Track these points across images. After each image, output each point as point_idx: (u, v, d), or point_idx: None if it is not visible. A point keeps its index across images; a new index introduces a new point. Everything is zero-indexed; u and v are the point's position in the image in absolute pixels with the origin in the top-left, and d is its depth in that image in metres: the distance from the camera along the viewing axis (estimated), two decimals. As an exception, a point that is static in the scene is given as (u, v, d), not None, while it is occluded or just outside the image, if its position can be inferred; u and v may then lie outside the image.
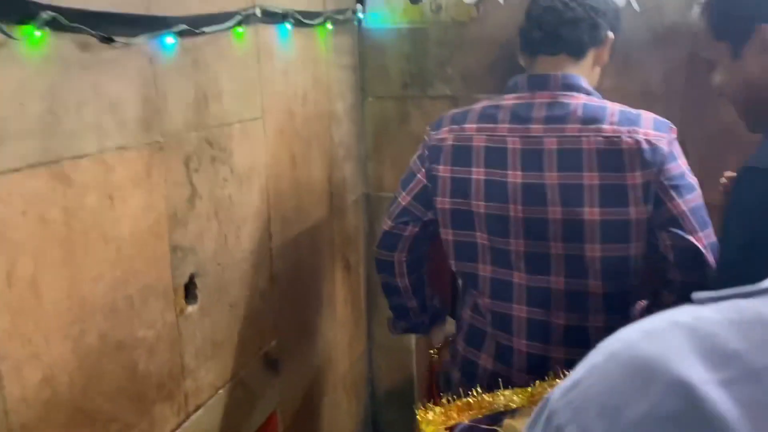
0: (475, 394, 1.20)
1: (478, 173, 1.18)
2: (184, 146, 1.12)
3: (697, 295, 0.35)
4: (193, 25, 1.10)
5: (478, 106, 1.24)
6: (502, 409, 1.17)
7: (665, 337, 0.32)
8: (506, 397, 1.19)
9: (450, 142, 1.22)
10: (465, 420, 1.19)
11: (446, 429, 1.18)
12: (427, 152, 1.26)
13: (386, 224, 1.34)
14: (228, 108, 1.24)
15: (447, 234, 1.26)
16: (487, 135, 1.18)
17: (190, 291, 1.17)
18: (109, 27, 0.92)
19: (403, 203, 1.29)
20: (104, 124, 0.95)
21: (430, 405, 1.20)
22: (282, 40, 1.45)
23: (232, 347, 1.31)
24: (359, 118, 1.92)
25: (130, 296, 1.02)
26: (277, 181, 1.46)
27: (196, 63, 1.14)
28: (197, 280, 1.18)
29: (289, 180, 1.51)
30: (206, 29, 1.14)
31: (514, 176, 1.16)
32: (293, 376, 1.59)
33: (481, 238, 1.22)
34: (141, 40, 1.00)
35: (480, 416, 1.18)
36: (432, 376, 2.23)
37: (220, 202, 1.24)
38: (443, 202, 1.24)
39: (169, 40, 1.06)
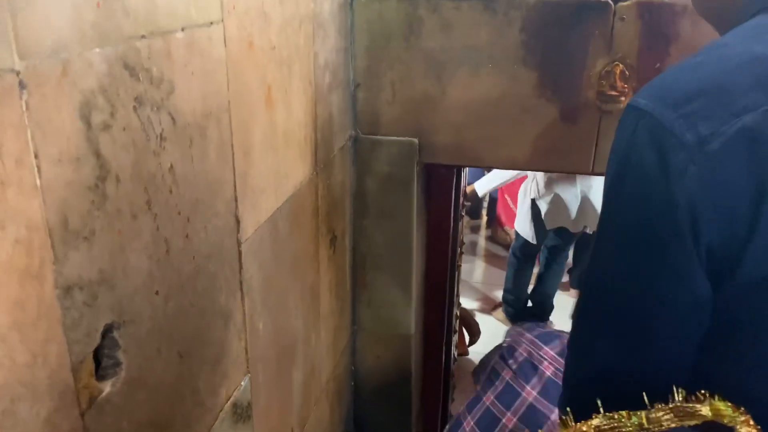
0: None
1: (528, 394, 1.20)
2: (76, 79, 0.54)
3: None
4: None
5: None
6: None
7: None
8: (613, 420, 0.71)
9: (525, 355, 1.20)
10: None
11: None
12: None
13: None
14: (163, 1, 0.65)
15: None
16: (555, 368, 1.19)
17: (106, 356, 0.62)
18: None
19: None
20: None
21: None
22: None
23: (184, 416, 0.78)
24: (347, 26, 1.33)
25: (-32, 419, 0.46)
26: (246, 131, 0.89)
27: None
28: (118, 334, 0.63)
29: (263, 128, 0.94)
30: None
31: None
32: (270, 413, 1.08)
33: None
34: None
35: None
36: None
37: (155, 181, 0.67)
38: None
39: None
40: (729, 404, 0.56)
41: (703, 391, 0.55)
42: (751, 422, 0.55)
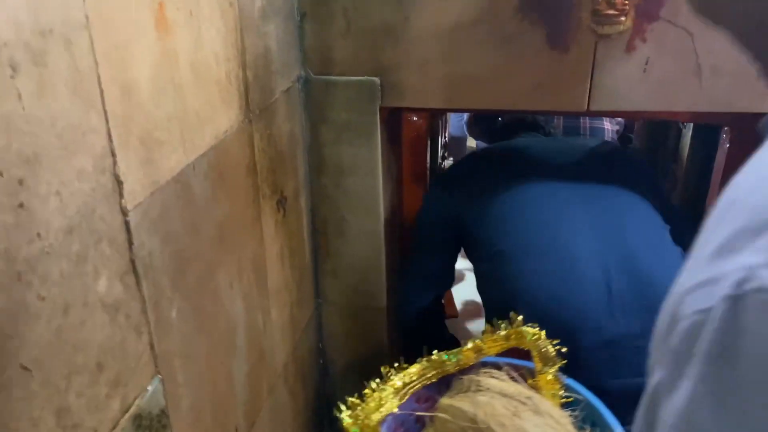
0: (394, 368, 1.03)
1: None
2: None
3: None
4: None
5: None
6: (435, 380, 1.04)
7: None
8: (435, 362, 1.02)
9: None
10: (395, 408, 1.01)
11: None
12: None
13: None
14: None
15: None
16: None
17: None
18: None
19: None
20: None
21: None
22: None
23: (48, 447, 0.58)
24: (286, -58, 1.08)
25: None
26: (125, 61, 0.66)
27: None
28: None
29: (155, 59, 0.71)
30: None
31: None
32: (200, 416, 0.89)
33: None
34: None
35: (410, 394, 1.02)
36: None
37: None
38: None
39: None
40: (529, 330, 0.85)
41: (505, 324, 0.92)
42: (545, 338, 0.82)
